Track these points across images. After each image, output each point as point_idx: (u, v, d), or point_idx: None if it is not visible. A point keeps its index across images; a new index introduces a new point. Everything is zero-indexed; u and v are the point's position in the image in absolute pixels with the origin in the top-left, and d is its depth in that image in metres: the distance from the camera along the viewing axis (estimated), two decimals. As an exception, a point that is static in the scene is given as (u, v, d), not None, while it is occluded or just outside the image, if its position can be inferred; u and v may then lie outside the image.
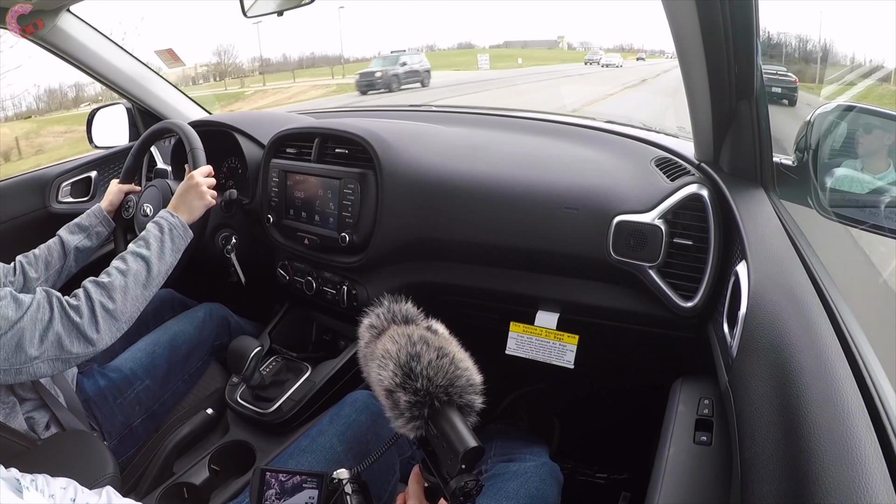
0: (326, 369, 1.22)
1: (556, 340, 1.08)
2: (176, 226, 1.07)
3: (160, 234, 1.04)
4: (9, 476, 0.56)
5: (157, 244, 1.03)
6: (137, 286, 0.97)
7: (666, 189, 0.95)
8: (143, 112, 1.80)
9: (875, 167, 0.85)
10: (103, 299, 0.92)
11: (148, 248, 1.01)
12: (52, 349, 0.86)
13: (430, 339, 0.63)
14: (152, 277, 0.99)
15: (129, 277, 0.96)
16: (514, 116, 1.45)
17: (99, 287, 0.93)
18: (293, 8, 1.17)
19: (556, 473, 0.96)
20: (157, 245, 1.03)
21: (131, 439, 1.14)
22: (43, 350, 0.85)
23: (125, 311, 0.94)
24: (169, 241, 1.04)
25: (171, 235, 1.05)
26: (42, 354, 0.85)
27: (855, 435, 0.43)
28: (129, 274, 0.97)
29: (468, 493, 0.57)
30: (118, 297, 0.93)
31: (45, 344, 0.85)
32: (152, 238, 1.03)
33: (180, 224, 1.08)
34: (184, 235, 1.08)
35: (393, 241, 1.13)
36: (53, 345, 0.86)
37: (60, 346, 0.86)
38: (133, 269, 0.98)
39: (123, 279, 0.95)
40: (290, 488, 0.69)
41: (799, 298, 0.62)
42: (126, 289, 0.95)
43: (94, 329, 0.90)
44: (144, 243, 1.02)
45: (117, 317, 0.93)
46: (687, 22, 0.76)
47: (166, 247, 1.04)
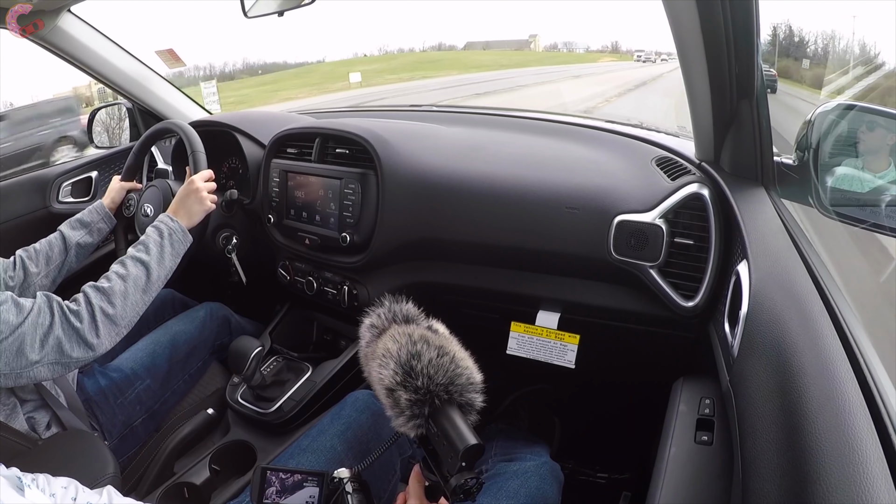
0: (327, 369, 1.22)
1: (557, 340, 1.08)
2: (175, 230, 1.07)
3: (160, 239, 1.04)
4: (10, 475, 0.56)
5: (157, 249, 1.03)
6: (137, 291, 0.97)
7: (667, 188, 0.95)
8: (143, 112, 1.80)
9: (876, 166, 0.85)
10: (103, 304, 0.92)
11: (148, 252, 1.02)
12: (52, 353, 0.86)
13: (431, 338, 0.63)
14: (152, 282, 1.00)
15: (129, 282, 0.96)
16: (514, 116, 1.45)
17: (99, 292, 0.93)
18: (293, 8, 1.17)
19: (556, 473, 0.96)
20: (156, 250, 1.03)
21: (132, 439, 1.14)
22: (44, 355, 0.85)
23: (125, 315, 0.94)
24: (169, 247, 1.05)
25: (171, 240, 1.05)
26: (43, 359, 0.85)
27: (856, 434, 0.43)
28: (128, 279, 0.97)
29: (468, 490, 0.57)
30: (118, 302, 0.94)
31: (45, 349, 0.85)
32: (152, 243, 1.03)
33: (180, 229, 1.08)
34: (183, 240, 1.08)
35: (394, 240, 1.13)
36: (54, 349, 0.86)
37: (61, 351, 0.87)
38: (133, 273, 0.98)
39: (123, 284, 0.96)
40: (291, 486, 0.69)
41: (800, 298, 0.62)
42: (126, 294, 0.95)
43: (94, 334, 0.90)
44: (144, 248, 1.02)
45: (117, 322, 0.93)
46: (687, 21, 0.76)
47: (166, 252, 1.04)
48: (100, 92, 8.84)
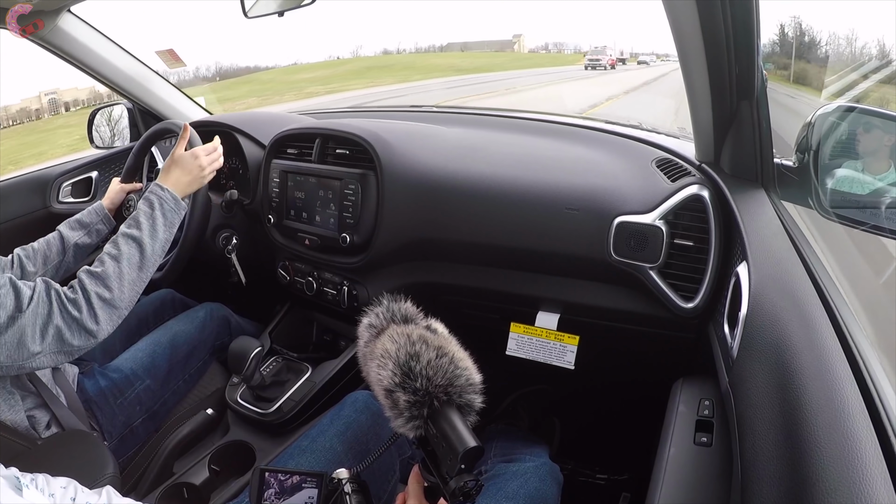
0: (327, 370, 1.22)
1: (557, 341, 1.08)
2: (166, 199, 1.03)
3: (150, 211, 1.01)
4: (8, 474, 0.56)
5: (149, 222, 1.00)
6: (133, 270, 0.95)
7: (666, 190, 0.95)
8: (143, 112, 1.80)
9: (876, 168, 0.85)
10: (99, 290, 0.91)
11: (139, 227, 0.99)
12: (53, 343, 0.86)
13: (430, 338, 0.63)
14: (146, 258, 0.97)
15: (123, 262, 0.95)
16: (514, 117, 1.45)
17: (93, 277, 0.92)
18: (294, 8, 1.17)
19: (556, 474, 0.96)
20: (148, 223, 0.99)
21: (131, 439, 1.14)
22: (45, 346, 0.85)
23: (123, 297, 0.93)
24: (161, 217, 1.01)
25: (163, 210, 1.02)
26: (44, 349, 0.85)
27: (855, 436, 0.43)
28: (121, 259, 0.95)
29: (468, 493, 0.57)
30: (114, 285, 0.92)
31: (46, 339, 0.85)
32: (142, 216, 1.00)
33: (171, 197, 1.03)
34: (176, 209, 1.04)
35: (394, 241, 1.13)
36: (55, 339, 0.86)
37: (62, 340, 0.86)
38: (125, 252, 0.96)
39: (117, 266, 0.94)
40: (290, 488, 0.68)
41: (800, 299, 0.62)
42: (121, 275, 0.94)
43: (93, 321, 0.89)
44: (135, 223, 0.99)
45: (116, 305, 0.92)
46: (688, 22, 0.76)
47: (158, 223, 1.00)
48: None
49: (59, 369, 1.07)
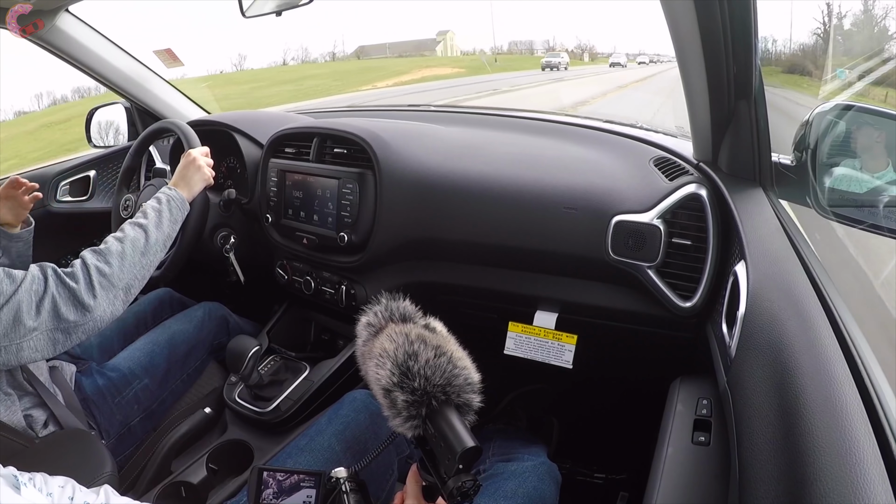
0: (325, 369, 1.22)
1: (555, 340, 1.08)
2: (174, 198, 1.08)
3: (158, 206, 1.06)
4: (7, 473, 0.56)
5: (155, 214, 1.04)
6: (136, 252, 0.96)
7: (664, 189, 0.95)
8: (141, 112, 1.80)
9: (874, 166, 0.85)
10: (99, 263, 0.91)
11: (145, 217, 1.02)
12: (49, 319, 0.85)
13: (428, 337, 0.63)
14: (150, 245, 0.99)
15: (127, 243, 0.96)
16: (512, 116, 1.45)
17: (95, 253, 0.93)
18: (291, 8, 1.17)
19: (554, 473, 0.96)
20: (154, 215, 1.03)
21: (129, 438, 1.14)
22: (41, 321, 0.84)
23: (122, 276, 0.93)
24: (167, 212, 1.05)
25: (170, 207, 1.06)
26: (40, 325, 0.84)
27: (853, 436, 0.43)
28: (125, 241, 0.97)
29: (466, 493, 0.57)
30: (115, 261, 0.93)
31: (42, 314, 0.84)
32: (150, 209, 1.04)
33: (179, 197, 1.09)
34: (181, 208, 1.09)
35: (392, 240, 1.13)
36: (50, 314, 0.85)
37: (57, 315, 0.85)
38: (130, 235, 0.98)
39: (120, 245, 0.96)
40: (288, 487, 0.68)
41: (798, 298, 0.62)
42: (123, 254, 0.95)
43: (90, 294, 0.88)
44: (142, 214, 1.03)
45: (114, 282, 0.92)
46: (686, 22, 0.76)
47: (164, 217, 1.04)
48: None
49: (56, 368, 1.07)
